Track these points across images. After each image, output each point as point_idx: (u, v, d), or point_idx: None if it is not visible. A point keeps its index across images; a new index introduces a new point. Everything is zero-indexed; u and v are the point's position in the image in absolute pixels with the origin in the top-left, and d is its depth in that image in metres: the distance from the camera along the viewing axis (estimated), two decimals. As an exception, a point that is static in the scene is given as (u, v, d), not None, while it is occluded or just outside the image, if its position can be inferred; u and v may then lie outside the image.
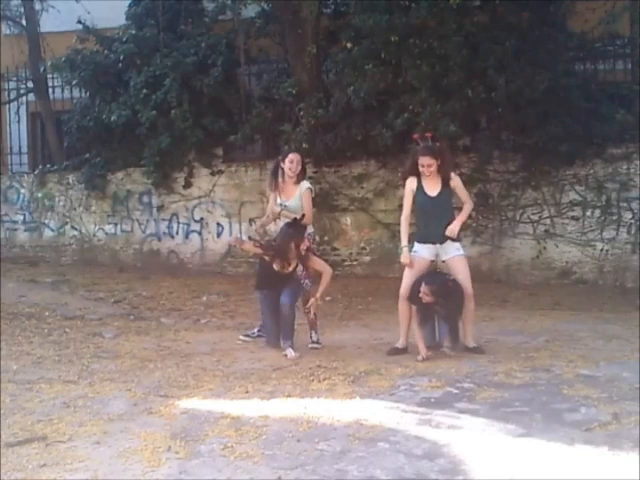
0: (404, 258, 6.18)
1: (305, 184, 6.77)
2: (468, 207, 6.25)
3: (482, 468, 3.64)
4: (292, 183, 6.71)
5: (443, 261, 6.26)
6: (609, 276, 9.89)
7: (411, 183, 6.20)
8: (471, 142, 10.25)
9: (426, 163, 6.06)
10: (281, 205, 6.71)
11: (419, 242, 6.21)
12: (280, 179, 6.75)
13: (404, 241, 6.22)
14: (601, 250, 9.94)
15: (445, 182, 6.15)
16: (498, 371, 5.45)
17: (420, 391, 5.03)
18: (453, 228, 6.08)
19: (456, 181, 6.22)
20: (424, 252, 6.17)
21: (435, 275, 6.18)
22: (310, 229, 6.78)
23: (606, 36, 10.29)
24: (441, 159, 6.11)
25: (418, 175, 6.16)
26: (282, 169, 6.72)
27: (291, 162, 6.67)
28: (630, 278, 9.70)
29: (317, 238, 8.04)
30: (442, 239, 6.10)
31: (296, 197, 6.68)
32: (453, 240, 6.13)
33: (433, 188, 6.14)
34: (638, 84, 9.92)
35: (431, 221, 6.15)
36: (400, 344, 6.25)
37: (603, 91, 10.15)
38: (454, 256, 6.14)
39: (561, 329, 7.07)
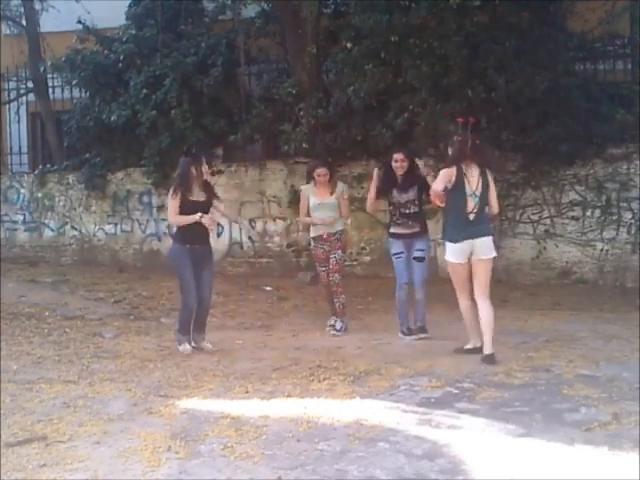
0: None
1: (341, 185, 7.70)
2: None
3: (482, 468, 3.64)
4: (324, 186, 7.53)
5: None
6: (609, 276, 9.89)
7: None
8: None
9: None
10: (320, 204, 7.47)
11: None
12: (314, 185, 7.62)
13: None
14: (601, 250, 9.94)
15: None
16: (498, 371, 5.45)
17: (420, 391, 5.03)
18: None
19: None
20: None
21: None
22: (341, 226, 7.57)
23: (606, 36, 10.29)
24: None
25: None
26: (314, 178, 7.56)
27: (319, 175, 7.50)
28: (630, 278, 9.70)
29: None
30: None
31: (334, 196, 7.52)
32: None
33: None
34: (638, 84, 9.92)
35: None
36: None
37: (603, 91, 10.14)
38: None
39: (561, 329, 7.07)
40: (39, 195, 12.78)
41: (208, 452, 3.97)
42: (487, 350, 5.82)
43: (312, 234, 7.61)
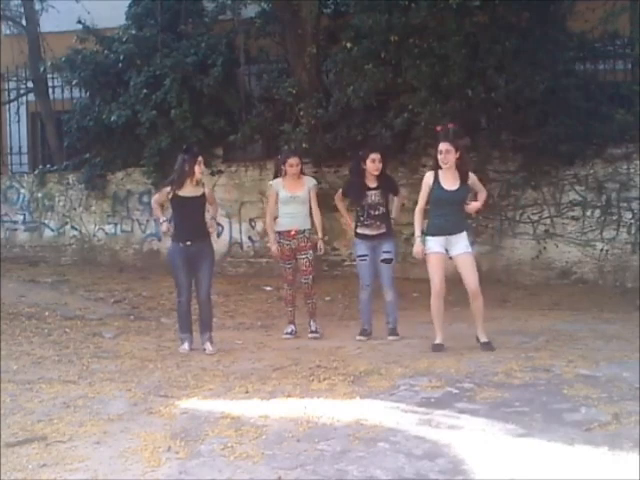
0: (416, 247, 6.43)
1: (310, 180, 7.45)
2: (484, 194, 6.69)
3: (482, 468, 3.64)
4: (296, 179, 7.25)
5: (451, 257, 6.41)
6: (609, 276, 9.89)
7: (428, 178, 6.42)
8: (471, 142, 10.23)
9: (444, 149, 6.27)
10: (290, 197, 7.19)
11: (432, 235, 6.38)
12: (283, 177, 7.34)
13: (417, 232, 6.45)
14: (601, 250, 9.94)
15: (463, 178, 6.36)
16: (498, 371, 5.45)
17: (420, 391, 5.03)
18: (473, 206, 6.52)
19: (473, 178, 6.53)
20: (436, 245, 6.35)
21: None
22: (309, 224, 7.27)
23: (606, 36, 10.28)
24: (460, 154, 6.33)
25: (437, 170, 6.39)
26: (284, 169, 7.28)
27: (291, 166, 7.21)
28: (630, 278, 9.70)
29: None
30: (453, 231, 6.35)
31: (305, 190, 7.22)
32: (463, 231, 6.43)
33: (451, 183, 6.35)
34: (638, 84, 9.91)
35: (446, 214, 6.34)
36: (440, 339, 6.38)
37: (603, 91, 10.14)
38: (462, 253, 6.34)
39: (561, 329, 7.07)
40: (39, 195, 12.78)
41: (208, 452, 3.96)
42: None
43: (277, 228, 7.28)
